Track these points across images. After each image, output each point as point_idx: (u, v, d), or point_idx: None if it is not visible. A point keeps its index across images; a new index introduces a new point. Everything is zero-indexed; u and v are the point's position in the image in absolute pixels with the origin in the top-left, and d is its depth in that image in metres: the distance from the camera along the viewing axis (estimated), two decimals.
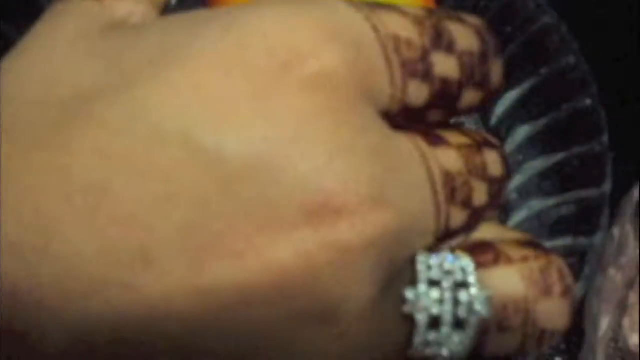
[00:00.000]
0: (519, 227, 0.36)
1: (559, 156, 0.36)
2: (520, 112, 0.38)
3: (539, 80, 0.37)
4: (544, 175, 0.36)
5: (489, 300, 0.20)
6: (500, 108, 0.39)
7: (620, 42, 0.42)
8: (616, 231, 0.33)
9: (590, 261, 0.32)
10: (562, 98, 0.36)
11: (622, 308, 0.36)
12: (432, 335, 0.19)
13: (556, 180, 0.36)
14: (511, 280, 0.20)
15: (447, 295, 0.19)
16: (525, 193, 0.37)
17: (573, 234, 0.34)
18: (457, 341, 0.19)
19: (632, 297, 0.37)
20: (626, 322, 0.37)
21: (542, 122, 0.37)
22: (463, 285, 0.19)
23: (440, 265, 0.19)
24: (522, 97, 0.38)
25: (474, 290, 0.19)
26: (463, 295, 0.19)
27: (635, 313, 0.37)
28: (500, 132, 0.39)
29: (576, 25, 0.37)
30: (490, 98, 0.22)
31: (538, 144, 0.37)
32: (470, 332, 0.19)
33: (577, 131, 0.36)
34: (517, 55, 0.38)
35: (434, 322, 0.19)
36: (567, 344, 0.39)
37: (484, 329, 0.20)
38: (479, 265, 0.20)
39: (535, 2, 0.37)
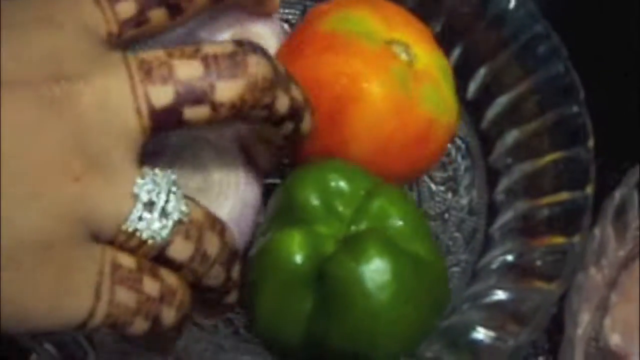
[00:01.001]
0: (505, 226, 0.37)
1: (545, 159, 0.37)
2: (510, 116, 0.39)
3: (529, 86, 0.39)
4: (531, 177, 0.38)
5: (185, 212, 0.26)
6: (491, 112, 0.40)
7: (608, 52, 0.43)
8: (597, 231, 0.34)
9: (571, 259, 0.33)
10: (550, 104, 0.38)
11: (603, 308, 0.37)
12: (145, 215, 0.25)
13: (542, 182, 0.37)
14: None
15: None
16: (512, 194, 0.38)
17: (556, 233, 0.35)
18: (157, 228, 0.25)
19: (614, 298, 0.38)
20: (607, 322, 0.38)
21: (530, 127, 0.38)
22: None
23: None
24: (512, 103, 0.39)
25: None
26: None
27: (616, 313, 0.38)
28: (491, 135, 0.40)
29: (566, 35, 0.38)
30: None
31: (526, 148, 0.38)
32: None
33: (564, 136, 0.37)
34: (508, 62, 0.39)
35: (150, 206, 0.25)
36: (550, 343, 0.40)
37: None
38: None
39: (527, 11, 0.39)
